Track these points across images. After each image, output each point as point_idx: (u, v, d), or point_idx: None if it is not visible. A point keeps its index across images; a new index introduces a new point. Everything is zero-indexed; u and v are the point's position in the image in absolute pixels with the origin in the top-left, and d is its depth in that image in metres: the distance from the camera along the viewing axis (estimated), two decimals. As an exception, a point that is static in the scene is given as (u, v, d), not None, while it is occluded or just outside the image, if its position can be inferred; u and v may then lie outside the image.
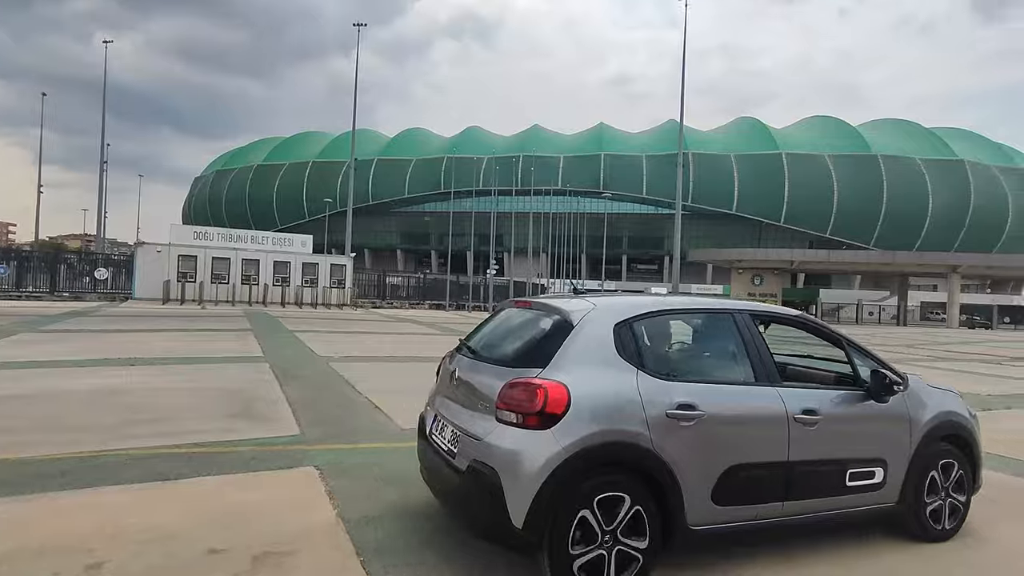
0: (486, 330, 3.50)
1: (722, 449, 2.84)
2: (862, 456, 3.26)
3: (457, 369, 3.20)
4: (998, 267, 54.56)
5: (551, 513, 2.48)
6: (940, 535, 3.48)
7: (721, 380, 3.09)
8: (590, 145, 77.34)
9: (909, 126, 72.71)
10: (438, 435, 3.09)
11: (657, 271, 77.10)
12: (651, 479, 2.65)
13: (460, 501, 2.80)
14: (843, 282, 68.44)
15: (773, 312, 3.61)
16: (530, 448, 2.53)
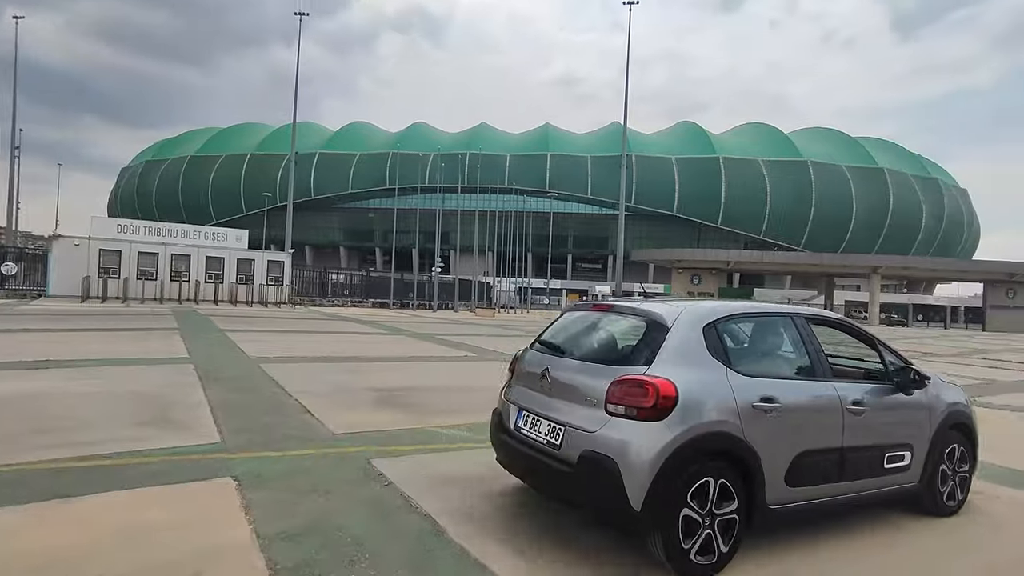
0: (567, 331, 3.77)
1: (795, 436, 3.21)
2: (895, 442, 3.72)
3: (549, 367, 3.40)
4: (913, 268, 58.51)
5: (666, 496, 2.77)
6: (950, 511, 4.02)
7: (790, 376, 3.50)
8: (536, 145, 77.86)
9: (835, 135, 76.94)
10: (530, 430, 3.35)
11: (601, 270, 78.49)
12: (742, 464, 2.98)
13: (572, 489, 3.03)
14: (775, 282, 71.73)
15: (822, 315, 4.04)
16: (646, 438, 2.80)
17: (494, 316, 35.89)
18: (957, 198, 77.02)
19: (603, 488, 2.82)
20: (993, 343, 30.10)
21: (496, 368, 10.67)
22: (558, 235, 73.74)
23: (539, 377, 3.42)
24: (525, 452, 3.31)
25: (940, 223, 71.97)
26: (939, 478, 3.95)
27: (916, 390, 3.85)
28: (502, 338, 18.16)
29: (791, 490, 3.18)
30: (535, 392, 3.45)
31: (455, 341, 15.68)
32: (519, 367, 3.75)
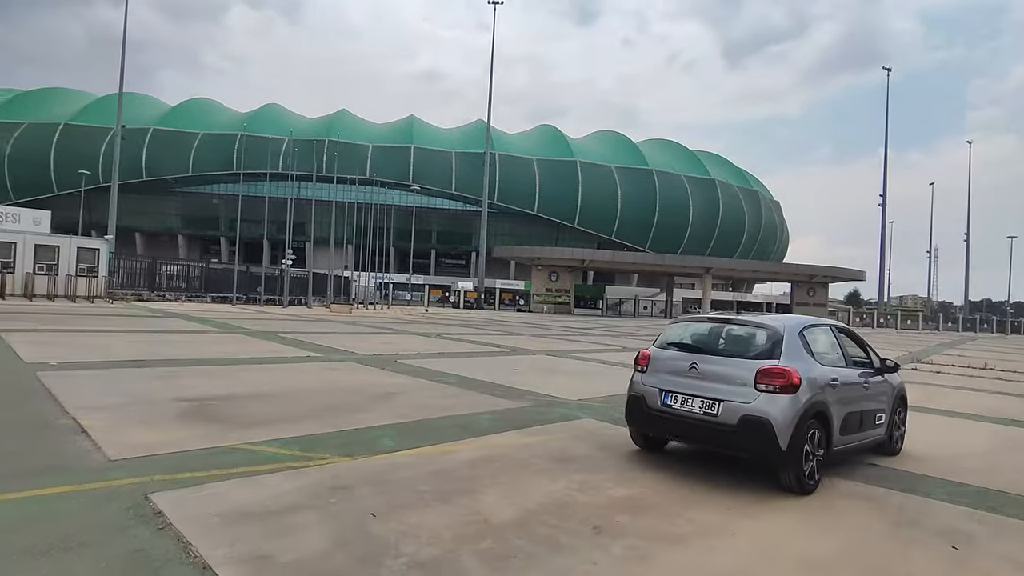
0: (697, 336, 5.34)
1: (845, 402, 4.98)
2: (880, 407, 5.64)
3: (697, 362, 4.81)
4: (738, 270, 66.12)
5: (797, 441, 4.37)
6: (897, 451, 6.07)
7: (837, 364, 5.23)
8: (400, 136, 75.89)
9: (676, 147, 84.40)
10: (682, 405, 4.76)
11: (464, 266, 78.67)
12: (825, 420, 4.70)
13: (734, 442, 4.52)
14: (624, 280, 76.99)
15: (841, 325, 5.87)
16: (787, 405, 4.38)
17: (351, 313, 34.23)
18: (772, 209, 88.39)
19: (760, 439, 4.36)
20: (798, 336, 34.84)
21: (346, 368, 9.90)
22: (421, 230, 72.44)
23: (687, 368, 4.84)
24: (679, 421, 4.78)
25: (759, 230, 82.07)
26: (895, 430, 6.00)
27: (889, 374, 5.85)
28: (353, 335, 17.18)
29: (841, 437, 4.95)
30: (682, 378, 4.85)
31: (301, 340, 14.49)
32: (658, 364, 5.12)
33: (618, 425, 6.61)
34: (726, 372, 4.68)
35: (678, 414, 4.77)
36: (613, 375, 11.35)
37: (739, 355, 4.80)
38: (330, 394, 7.47)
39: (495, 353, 14.38)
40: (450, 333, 20.50)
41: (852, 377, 5.25)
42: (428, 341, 16.71)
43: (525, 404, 7.54)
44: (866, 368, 5.64)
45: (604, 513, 3.70)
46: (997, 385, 13.68)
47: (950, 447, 6.65)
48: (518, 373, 10.75)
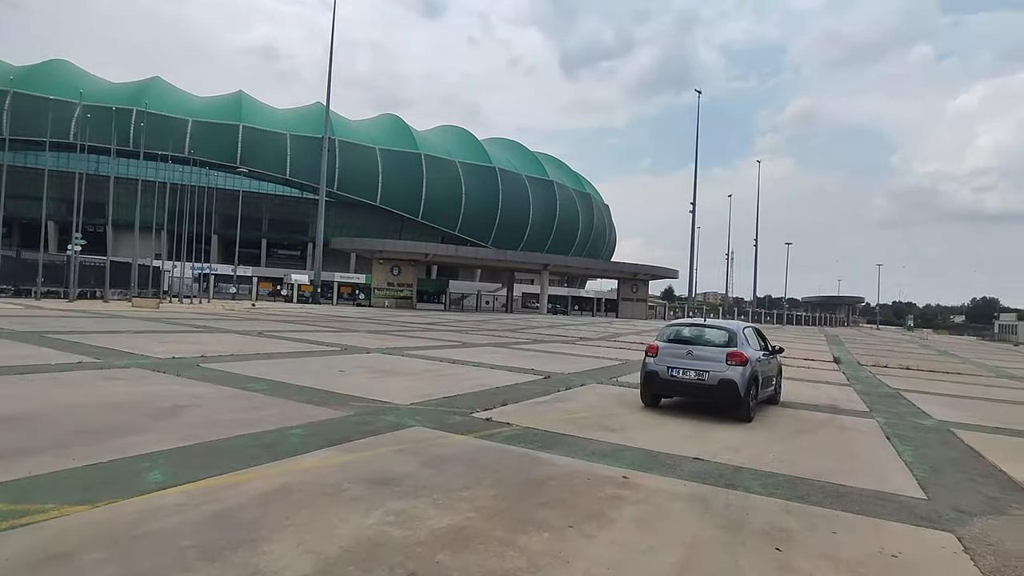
0: (690, 334, 8.60)
1: (762, 371, 8.39)
2: (773, 375, 9.26)
3: (692, 350, 8.10)
4: (572, 267, 70.10)
5: (748, 391, 7.76)
6: (777, 402, 9.64)
7: (758, 349, 8.67)
8: (227, 112, 68.34)
9: (518, 147, 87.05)
10: (683, 375, 7.97)
11: (300, 257, 73.47)
12: (757, 378, 8.07)
13: (715, 396, 7.84)
14: (467, 275, 77.55)
15: (755, 326, 9.97)
16: (742, 372, 7.72)
17: (158, 307, 29.79)
18: (603, 211, 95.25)
19: (730, 392, 7.61)
20: (623, 328, 37.55)
21: (129, 377, 8.10)
22: (251, 217, 66.17)
23: (685, 354, 8.04)
24: (681, 384, 8.02)
25: (591, 231, 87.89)
26: (777, 390, 9.60)
27: (777, 355, 9.60)
28: (151, 335, 14.65)
29: (761, 392, 8.39)
30: (682, 360, 8.01)
31: (75, 341, 11.89)
32: (665, 351, 8.22)
33: (452, 432, 6.09)
34: (708, 354, 8.02)
35: (680, 380, 8.06)
36: (454, 374, 10.87)
37: (714, 345, 8.18)
38: (93, 412, 5.96)
39: (323, 353, 13.13)
40: (275, 330, 18.56)
41: (764, 356, 8.86)
42: (245, 340, 14.84)
43: (348, 413, 6.70)
44: (767, 351, 9.14)
45: (422, 553, 3.11)
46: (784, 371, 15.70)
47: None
48: (345, 375, 9.78)
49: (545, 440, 6.03)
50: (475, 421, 6.76)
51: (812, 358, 21.76)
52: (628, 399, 9.31)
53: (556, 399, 8.83)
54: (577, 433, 6.47)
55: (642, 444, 6.17)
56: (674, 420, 7.81)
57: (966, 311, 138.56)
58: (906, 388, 13.74)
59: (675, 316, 77.11)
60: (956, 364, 23.34)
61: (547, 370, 12.33)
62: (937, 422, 9.09)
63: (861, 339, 44.17)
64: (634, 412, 8.18)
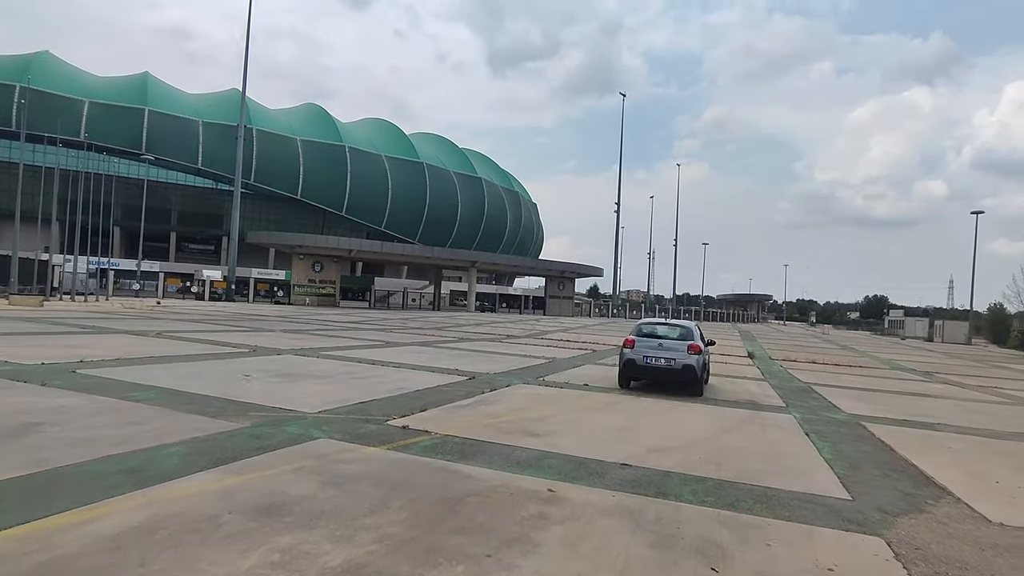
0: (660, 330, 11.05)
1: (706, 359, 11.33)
2: (709, 362, 11.94)
3: (662, 342, 10.60)
4: (501, 265, 69.94)
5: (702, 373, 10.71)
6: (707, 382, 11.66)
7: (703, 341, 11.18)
8: (131, 95, 62.96)
9: (446, 143, 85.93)
10: (654, 361, 10.37)
11: (214, 252, 69.16)
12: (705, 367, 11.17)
13: (680, 377, 10.35)
14: (394, 272, 75.75)
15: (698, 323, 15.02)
16: (698, 359, 10.41)
17: (41, 306, 26.81)
18: (531, 210, 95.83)
19: (691, 375, 10.33)
20: (550, 325, 37.70)
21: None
22: (159, 208, 61.64)
23: (657, 345, 10.53)
24: (653, 369, 10.40)
25: (519, 228, 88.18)
26: (708, 372, 11.66)
27: (711, 346, 11.95)
28: (23, 337, 12.92)
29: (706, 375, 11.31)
30: (653, 350, 10.47)
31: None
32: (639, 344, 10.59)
33: (362, 443, 5.50)
34: (674, 346, 10.45)
35: (653, 366, 10.35)
36: (372, 376, 10.18)
37: (678, 339, 10.63)
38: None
39: (228, 355, 12.04)
40: (177, 330, 17.01)
41: (704, 347, 10.97)
42: (139, 342, 13.42)
43: (244, 425, 5.95)
44: (705, 344, 11.28)
45: (306, 604, 2.58)
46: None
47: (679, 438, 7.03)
48: (249, 380, 8.90)
49: (465, 449, 5.57)
50: (390, 430, 6.20)
51: (729, 353, 22.57)
52: (555, 400, 9.02)
53: (479, 402, 8.39)
54: (500, 440, 6.06)
55: (568, 449, 5.85)
56: (601, 420, 7.58)
57: (860, 308, 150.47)
58: (816, 382, 14.34)
59: (600, 314, 78.85)
60: (856, 358, 24.93)
61: (472, 370, 11.88)
62: (848, 416, 9.40)
63: (770, 335, 46.71)
64: (561, 414, 7.88)
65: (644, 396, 9.99)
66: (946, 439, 7.98)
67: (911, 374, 18.70)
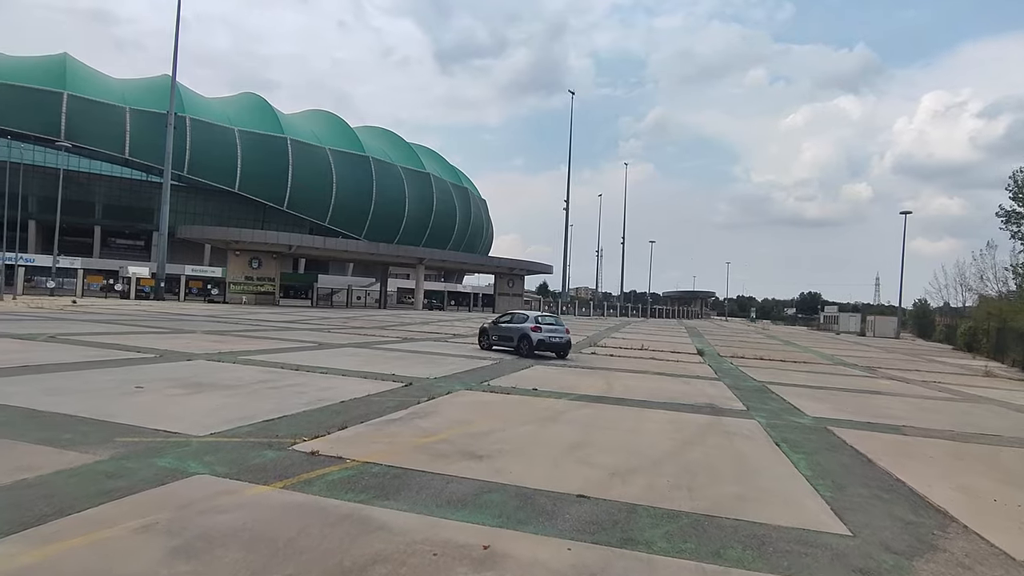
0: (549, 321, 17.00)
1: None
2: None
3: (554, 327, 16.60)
4: (449, 261, 68.45)
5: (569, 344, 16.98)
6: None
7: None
8: (47, 77, 58.00)
9: (393, 137, 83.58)
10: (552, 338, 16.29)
11: (144, 248, 64.92)
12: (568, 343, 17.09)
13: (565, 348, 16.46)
14: (339, 268, 73.08)
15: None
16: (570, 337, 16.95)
17: (-74, 306, 23.77)
18: (480, 207, 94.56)
19: (569, 345, 16.64)
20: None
21: None
22: (81, 200, 57.38)
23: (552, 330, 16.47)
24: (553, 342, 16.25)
25: (468, 225, 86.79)
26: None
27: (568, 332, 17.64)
28: None
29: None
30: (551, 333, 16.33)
31: None
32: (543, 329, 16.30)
33: (251, 480, 4.32)
34: (560, 330, 16.55)
35: (553, 341, 16.17)
36: (293, 385, 8.88)
37: (559, 325, 16.85)
38: None
39: (128, 362, 10.44)
40: (80, 333, 15.06)
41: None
42: (20, 347, 11.57)
43: (100, 457, 4.66)
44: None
45: None
46: (656, 366, 15.46)
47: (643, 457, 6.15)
48: (139, 393, 7.48)
49: (385, 484, 4.47)
50: (293, 457, 5.03)
51: (678, 351, 22.23)
52: (500, 409, 8.02)
53: (413, 414, 7.29)
54: (432, 467, 5.00)
55: (516, 477, 4.85)
56: (553, 434, 6.61)
57: (796, 304, 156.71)
58: (770, 380, 13.94)
59: (549, 311, 78.68)
60: (800, 353, 25.11)
61: (410, 375, 10.74)
62: (812, 419, 8.81)
63: (715, 331, 47.34)
64: (507, 427, 6.87)
65: (563, 369, 9.10)
66: (918, 445, 7.45)
67: (855, 369, 18.74)
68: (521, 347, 16.16)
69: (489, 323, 18.43)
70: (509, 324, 17.24)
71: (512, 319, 17.50)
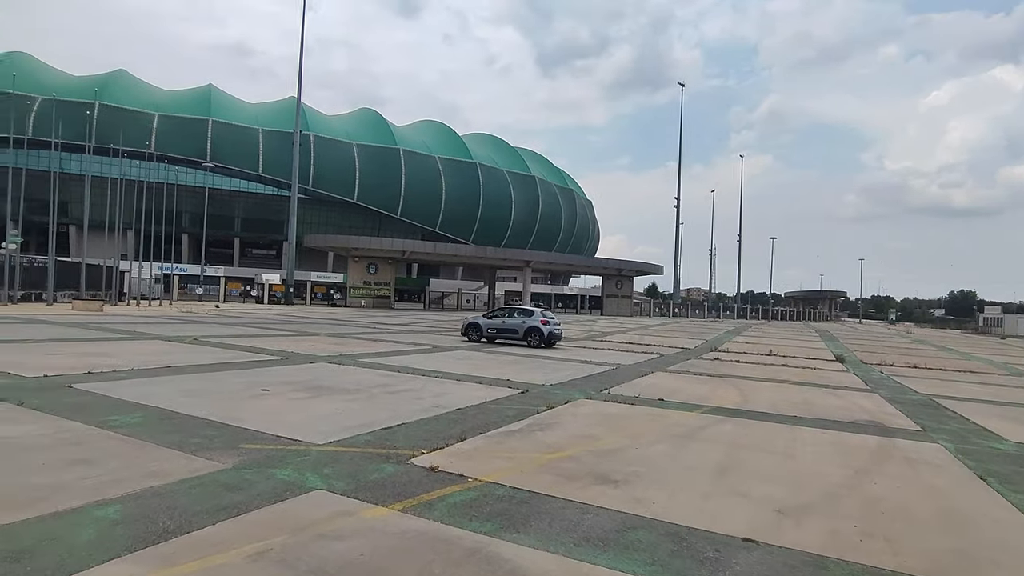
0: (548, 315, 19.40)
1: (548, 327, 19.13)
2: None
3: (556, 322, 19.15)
4: (556, 264, 68.01)
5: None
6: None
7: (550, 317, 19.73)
8: (196, 106, 65.11)
9: (499, 142, 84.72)
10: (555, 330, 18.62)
11: (276, 256, 70.69)
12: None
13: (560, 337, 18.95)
14: (449, 272, 75.24)
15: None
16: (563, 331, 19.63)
17: (101, 310, 27.16)
18: (586, 207, 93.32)
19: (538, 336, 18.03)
20: (609, 326, 35.58)
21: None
22: (223, 215, 63.49)
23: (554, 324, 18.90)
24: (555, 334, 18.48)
25: (574, 227, 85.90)
26: None
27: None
28: (49, 344, 12.17)
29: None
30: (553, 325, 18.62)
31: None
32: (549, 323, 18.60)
33: (369, 500, 3.97)
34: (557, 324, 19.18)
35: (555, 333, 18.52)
36: (409, 390, 8.72)
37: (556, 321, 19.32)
38: None
39: (256, 364, 10.90)
40: (218, 335, 16.23)
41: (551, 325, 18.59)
42: (167, 349, 12.53)
43: (224, 465, 4.55)
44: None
45: None
46: (792, 374, 13.81)
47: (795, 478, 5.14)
48: (264, 396, 7.60)
49: (512, 511, 3.94)
50: (412, 473, 4.65)
51: (813, 356, 20.03)
52: (627, 422, 7.27)
53: (533, 426, 6.75)
54: (561, 491, 4.40)
55: (661, 508, 4.12)
56: (692, 455, 5.77)
57: (945, 304, 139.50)
58: (936, 393, 11.92)
59: (660, 313, 75.62)
60: (962, 361, 21.78)
61: (524, 381, 10.26)
62: (1014, 445, 7.20)
63: (850, 334, 42.79)
64: (638, 444, 6.12)
65: (714, 416, 8.05)
66: None
67: (1046, 382, 15.73)
68: (530, 339, 18.12)
69: (480, 318, 19.83)
70: (510, 319, 18.93)
71: (509, 314, 19.36)
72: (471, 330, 19.34)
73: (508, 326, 18.75)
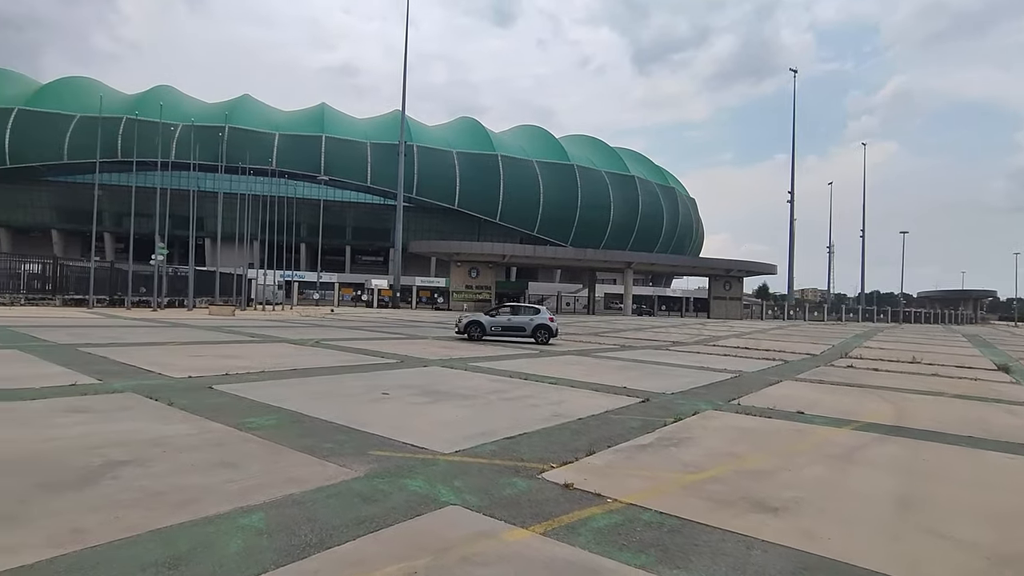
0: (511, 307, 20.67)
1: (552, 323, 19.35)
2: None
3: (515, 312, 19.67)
4: (658, 265, 65.79)
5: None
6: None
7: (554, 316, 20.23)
8: (310, 125, 70.10)
9: (597, 143, 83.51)
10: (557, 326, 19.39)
11: (383, 263, 74.26)
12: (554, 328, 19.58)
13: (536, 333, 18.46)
14: (547, 275, 75.18)
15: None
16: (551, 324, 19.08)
17: (233, 315, 29.68)
18: (688, 206, 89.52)
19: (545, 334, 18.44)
20: (719, 329, 33.63)
21: (106, 407, 6.33)
22: (335, 225, 67.55)
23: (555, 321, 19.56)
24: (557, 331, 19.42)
25: (676, 226, 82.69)
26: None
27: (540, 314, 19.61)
28: (192, 347, 13.27)
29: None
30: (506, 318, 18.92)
31: (95, 355, 10.62)
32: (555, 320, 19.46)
33: (506, 519, 3.70)
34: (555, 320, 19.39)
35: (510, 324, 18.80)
36: (524, 396, 8.49)
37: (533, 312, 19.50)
38: None
39: (375, 367, 11.17)
40: (336, 339, 17.02)
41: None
42: (294, 352, 13.22)
43: (356, 473, 4.49)
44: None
45: None
46: (947, 384, 12.07)
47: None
48: (385, 400, 7.66)
49: (665, 540, 3.50)
50: (546, 490, 4.33)
51: (967, 365, 17.58)
52: (769, 440, 6.53)
53: (664, 440, 6.23)
54: (714, 518, 3.89)
55: (839, 547, 3.51)
56: (858, 481, 4.99)
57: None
58: None
59: (773, 315, 70.80)
60: None
61: (643, 388, 9.69)
62: None
63: (1007, 339, 37.48)
64: (790, 466, 5.42)
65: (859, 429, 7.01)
66: None
67: None
68: (538, 336, 18.42)
69: (482, 315, 19.51)
70: (516, 316, 19.17)
71: (514, 311, 19.76)
72: (472, 328, 18.74)
73: (514, 324, 18.69)
